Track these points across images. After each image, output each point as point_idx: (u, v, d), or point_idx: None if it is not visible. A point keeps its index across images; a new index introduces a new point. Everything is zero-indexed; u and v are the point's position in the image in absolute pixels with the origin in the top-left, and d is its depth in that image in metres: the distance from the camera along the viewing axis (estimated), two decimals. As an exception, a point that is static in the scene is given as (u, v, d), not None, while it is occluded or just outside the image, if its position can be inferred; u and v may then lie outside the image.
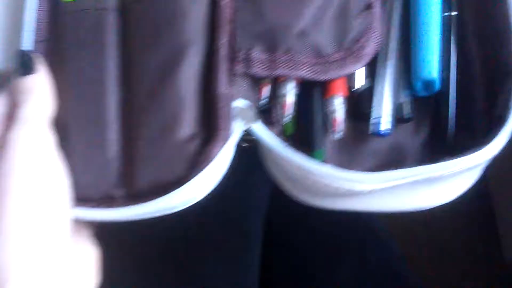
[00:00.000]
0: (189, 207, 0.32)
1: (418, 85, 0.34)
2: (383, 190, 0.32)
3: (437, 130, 0.35)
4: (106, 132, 0.33)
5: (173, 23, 0.33)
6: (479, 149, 0.30)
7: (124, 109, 0.33)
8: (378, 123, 0.33)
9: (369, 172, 0.31)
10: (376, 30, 0.33)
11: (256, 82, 0.33)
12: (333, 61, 0.33)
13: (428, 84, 0.34)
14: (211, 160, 0.31)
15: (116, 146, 0.33)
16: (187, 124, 0.32)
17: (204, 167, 0.31)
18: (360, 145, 0.35)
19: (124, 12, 0.34)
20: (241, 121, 0.32)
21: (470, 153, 0.30)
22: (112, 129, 0.33)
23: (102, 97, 0.33)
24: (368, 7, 0.34)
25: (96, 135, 0.33)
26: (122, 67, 0.33)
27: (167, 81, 0.32)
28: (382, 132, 0.33)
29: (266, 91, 0.33)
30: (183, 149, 0.32)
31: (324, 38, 0.33)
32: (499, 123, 0.31)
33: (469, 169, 0.31)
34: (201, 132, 0.32)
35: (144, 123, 0.33)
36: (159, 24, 0.33)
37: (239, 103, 0.32)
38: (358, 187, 0.31)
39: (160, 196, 0.31)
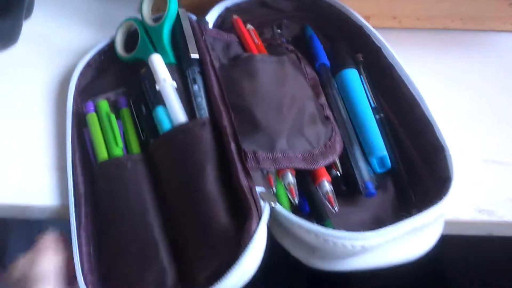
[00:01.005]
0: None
1: (374, 162, 0.45)
2: (381, 245, 0.40)
3: (400, 200, 0.45)
4: (158, 250, 0.39)
5: (190, 151, 0.41)
6: (440, 202, 0.40)
7: (166, 228, 0.40)
8: (367, 186, 0.42)
9: (375, 230, 0.38)
10: (337, 132, 0.45)
11: (264, 175, 0.41)
12: (317, 155, 0.42)
13: (381, 160, 0.45)
14: (252, 237, 0.36)
15: (167, 259, 0.39)
16: (222, 216, 0.38)
17: (247, 245, 0.36)
18: (349, 218, 0.43)
19: (149, 162, 0.44)
20: (265, 203, 0.38)
21: (436, 205, 0.40)
22: (161, 247, 0.40)
23: (147, 224, 0.40)
24: (327, 118, 0.46)
25: (150, 256, 0.39)
26: (156, 195, 0.42)
27: (194, 191, 0.40)
28: (372, 191, 0.42)
29: (273, 180, 0.41)
30: (224, 237, 0.37)
31: (305, 140, 0.43)
32: (446, 181, 0.42)
33: (438, 217, 0.41)
34: (235, 221, 0.38)
35: (186, 233, 0.39)
36: (180, 155, 0.41)
37: (259, 189, 0.39)
38: (368, 243, 0.38)
39: (217, 283, 0.35)
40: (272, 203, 0.39)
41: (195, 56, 0.46)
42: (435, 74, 0.55)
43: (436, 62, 0.57)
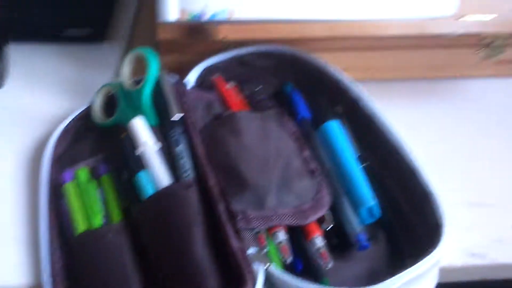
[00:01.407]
0: None
1: (363, 213, 0.45)
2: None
3: (392, 250, 0.44)
4: None
5: (175, 215, 0.40)
6: (433, 250, 0.40)
7: None
8: (359, 239, 0.42)
9: (374, 285, 0.38)
10: (324, 185, 0.45)
11: (255, 234, 0.40)
12: (306, 210, 0.42)
13: (370, 210, 0.45)
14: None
15: None
16: (212, 282, 0.37)
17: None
18: (344, 273, 0.42)
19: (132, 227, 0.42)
20: (258, 265, 0.37)
21: (430, 254, 0.40)
22: None
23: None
24: (313, 172, 0.46)
25: None
26: (139, 266, 0.40)
27: (182, 256, 0.38)
28: (364, 244, 0.41)
29: (264, 239, 0.40)
30: None
31: (294, 196, 0.43)
32: (438, 228, 0.42)
33: (433, 266, 0.41)
34: (226, 286, 0.37)
35: None
36: (165, 219, 0.40)
37: (250, 250, 0.38)
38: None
39: None
40: (266, 264, 0.38)
41: (178, 116, 0.46)
42: (411, 123, 0.56)
43: (411, 111, 0.58)
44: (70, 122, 0.50)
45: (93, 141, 0.50)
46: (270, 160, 0.44)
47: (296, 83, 0.56)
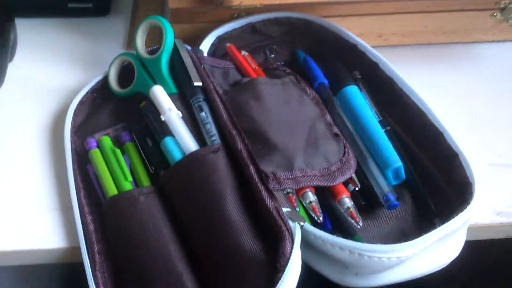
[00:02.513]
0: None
1: (389, 175, 0.45)
2: (415, 255, 0.39)
3: (420, 211, 0.44)
4: (183, 284, 0.37)
5: (206, 179, 0.39)
6: (466, 207, 0.40)
7: (189, 259, 0.38)
8: (388, 198, 0.41)
9: (410, 241, 0.37)
10: (349, 148, 0.44)
11: (285, 195, 0.40)
12: (334, 172, 0.42)
13: (396, 172, 0.45)
14: (289, 260, 0.35)
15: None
16: (249, 241, 0.36)
17: (284, 268, 0.34)
18: (373, 232, 0.42)
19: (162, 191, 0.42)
20: (294, 222, 0.37)
21: (464, 210, 0.39)
22: (186, 280, 0.37)
23: (169, 259, 0.38)
24: (336, 135, 0.45)
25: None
26: (173, 228, 0.40)
27: (217, 219, 0.38)
28: (394, 203, 0.41)
29: (294, 200, 0.40)
30: (255, 261, 0.35)
31: (321, 157, 0.42)
32: (467, 187, 0.42)
33: (463, 224, 0.41)
34: (264, 244, 0.36)
35: (212, 262, 0.37)
36: (196, 184, 0.40)
37: (285, 210, 0.38)
38: (404, 254, 0.37)
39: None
40: (302, 222, 0.37)
41: (198, 84, 0.45)
42: (427, 88, 0.56)
43: (427, 76, 0.57)
44: (85, 93, 0.49)
45: (111, 111, 0.49)
46: (295, 123, 0.43)
47: (309, 50, 0.55)
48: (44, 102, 0.52)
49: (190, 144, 0.42)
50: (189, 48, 0.50)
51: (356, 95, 0.50)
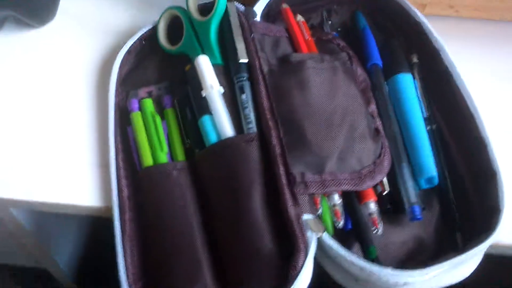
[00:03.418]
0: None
1: (422, 182, 0.44)
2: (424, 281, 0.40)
3: (444, 221, 0.44)
4: (201, 268, 0.39)
5: (237, 168, 0.40)
6: (488, 237, 0.39)
7: (210, 245, 0.40)
8: (413, 211, 0.42)
9: (419, 269, 0.38)
10: (387, 147, 0.43)
11: (310, 196, 0.41)
12: (365, 175, 0.42)
13: (429, 179, 0.44)
14: (299, 272, 0.37)
15: (210, 278, 0.39)
16: (267, 242, 0.38)
17: (294, 280, 0.36)
18: (390, 237, 0.43)
19: (194, 169, 0.43)
20: (312, 233, 0.38)
21: (482, 242, 0.39)
22: (205, 265, 0.40)
23: (192, 240, 0.40)
24: (377, 131, 0.44)
25: (193, 273, 0.39)
26: (200, 209, 0.42)
27: (240, 211, 0.39)
28: (418, 217, 0.42)
29: (319, 201, 0.41)
30: (269, 265, 0.37)
31: (355, 159, 0.42)
32: (495, 212, 0.41)
33: (481, 251, 0.41)
34: (281, 249, 0.38)
35: (230, 254, 0.39)
36: (226, 171, 0.41)
37: (306, 217, 0.39)
38: (411, 280, 0.38)
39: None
40: (320, 233, 0.39)
41: (244, 60, 0.44)
42: (489, 73, 0.52)
43: (493, 56, 0.53)
44: (133, 43, 0.49)
45: (157, 65, 0.49)
46: (335, 119, 0.42)
47: (368, 16, 0.52)
48: (93, 42, 0.52)
49: (227, 128, 0.42)
50: (242, 8, 0.48)
51: (407, 85, 0.48)
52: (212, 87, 0.43)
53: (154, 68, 0.49)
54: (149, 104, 0.46)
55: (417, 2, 0.53)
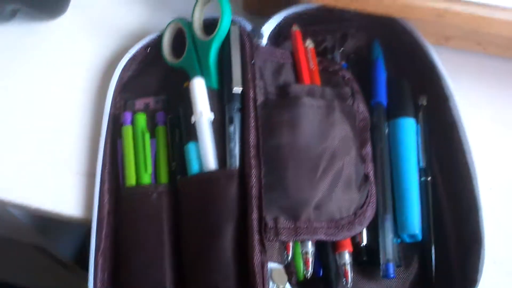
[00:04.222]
0: None
1: (404, 236, 0.43)
2: None
3: (420, 280, 0.43)
4: None
5: (213, 203, 0.40)
6: None
7: (178, 274, 0.41)
8: (387, 268, 0.41)
9: None
10: (373, 196, 0.42)
11: (282, 243, 0.40)
12: (343, 225, 0.41)
13: (412, 235, 0.43)
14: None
15: None
16: (231, 284, 0.38)
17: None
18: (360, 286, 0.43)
19: (175, 192, 0.43)
20: (273, 283, 0.38)
21: None
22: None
23: (161, 267, 0.41)
24: (366, 178, 0.43)
25: None
26: (174, 237, 0.42)
27: (209, 246, 0.39)
28: (390, 276, 0.41)
29: (290, 248, 0.41)
30: None
31: (335, 208, 0.41)
32: (472, 283, 0.40)
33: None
34: None
35: (195, 284, 0.40)
36: (203, 204, 0.41)
37: (271, 265, 0.39)
38: None
39: None
40: (281, 285, 0.38)
41: (237, 90, 0.43)
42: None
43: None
44: (138, 49, 0.49)
45: (159, 75, 0.49)
46: (321, 164, 0.41)
47: (383, 44, 0.49)
48: (101, 40, 0.51)
49: (210, 160, 0.42)
50: (248, 28, 0.46)
51: (409, 131, 0.46)
52: (202, 114, 0.42)
53: (156, 77, 0.49)
54: (141, 120, 0.46)
55: (439, 34, 0.50)
